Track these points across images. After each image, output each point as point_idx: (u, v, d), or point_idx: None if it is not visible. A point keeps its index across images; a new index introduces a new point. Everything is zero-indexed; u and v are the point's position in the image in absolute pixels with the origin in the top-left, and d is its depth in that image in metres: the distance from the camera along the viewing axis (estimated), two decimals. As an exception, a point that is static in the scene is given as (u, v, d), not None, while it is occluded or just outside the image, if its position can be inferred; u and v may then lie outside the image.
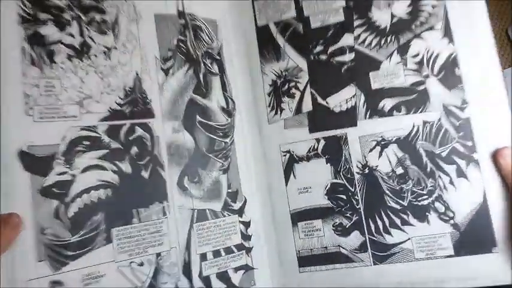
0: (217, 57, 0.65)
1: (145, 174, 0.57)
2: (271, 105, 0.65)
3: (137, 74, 0.58)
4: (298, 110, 0.64)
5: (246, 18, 0.67)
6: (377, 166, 0.60)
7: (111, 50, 0.58)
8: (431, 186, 0.57)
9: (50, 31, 0.54)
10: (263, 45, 0.66)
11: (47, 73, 0.53)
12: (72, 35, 0.55)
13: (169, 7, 0.63)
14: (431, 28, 0.59)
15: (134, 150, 0.57)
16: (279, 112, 0.65)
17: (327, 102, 0.62)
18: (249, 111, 0.66)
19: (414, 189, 0.59)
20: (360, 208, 0.60)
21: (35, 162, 0.49)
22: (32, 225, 0.48)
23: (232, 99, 0.66)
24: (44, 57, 0.53)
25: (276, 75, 0.65)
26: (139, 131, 0.57)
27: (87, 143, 0.53)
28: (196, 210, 0.59)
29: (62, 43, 0.54)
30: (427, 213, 0.58)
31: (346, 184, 0.61)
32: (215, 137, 0.63)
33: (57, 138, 0.51)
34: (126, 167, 0.55)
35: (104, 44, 0.57)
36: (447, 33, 0.58)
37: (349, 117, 0.61)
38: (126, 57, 0.58)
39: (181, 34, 0.64)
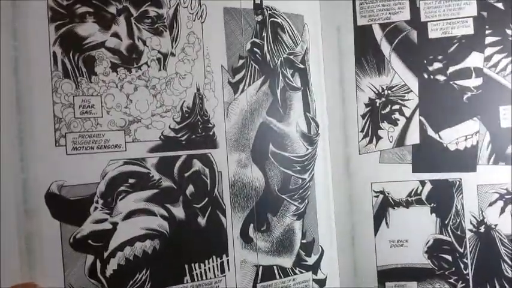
0: (301, 66, 0.58)
1: (202, 220, 0.51)
2: (365, 131, 0.60)
3: (198, 90, 0.52)
4: (401, 141, 0.59)
5: (342, 14, 0.61)
6: (496, 225, 0.57)
7: (168, 57, 0.50)
8: None
9: (89, 31, 0.47)
10: (362, 52, 0.60)
11: (85, 88, 0.46)
12: (118, 36, 0.48)
13: (244, -2, 0.55)
14: None
15: (190, 189, 0.51)
16: (374, 141, 0.60)
17: (440, 137, 0.58)
18: (335, 137, 0.60)
19: (543, 262, 0.56)
20: (468, 274, 0.57)
21: (66, 208, 0.45)
22: (61, 286, 0.44)
23: (315, 122, 0.59)
24: (81, 66, 0.46)
25: (375, 92, 0.60)
26: (197, 165, 0.51)
27: (133, 180, 0.48)
28: (261, 267, 0.55)
29: (104, 47, 0.47)
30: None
31: (454, 242, 0.57)
32: (291, 173, 0.57)
33: (96, 176, 0.46)
34: (178, 211, 0.50)
35: (158, 48, 0.50)
36: None
37: (467, 160, 0.57)
38: (185, 66, 0.51)
39: (257, 35, 0.56)
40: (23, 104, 0.43)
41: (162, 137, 0.49)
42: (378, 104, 0.59)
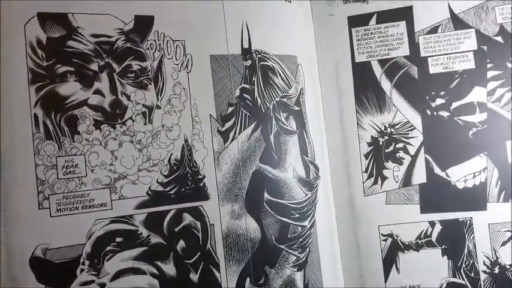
0: (296, 108, 0.57)
1: (194, 277, 0.50)
2: (369, 171, 0.59)
3: (186, 141, 0.51)
4: (407, 180, 0.58)
5: (339, 52, 0.60)
6: (511, 265, 0.56)
7: (153, 110, 0.50)
8: None
9: (71, 90, 0.47)
10: (361, 90, 0.59)
11: (68, 148, 0.46)
12: (101, 93, 0.48)
13: (231, 44, 0.54)
14: None
15: (181, 245, 0.50)
16: (379, 181, 0.59)
17: (447, 175, 0.57)
18: (337, 179, 0.59)
19: None
20: (486, 319, 0.56)
21: (52, 271, 0.45)
22: None
23: (314, 165, 0.58)
24: (63, 126, 0.46)
25: (377, 130, 0.59)
26: (188, 219, 0.51)
27: (120, 239, 0.48)
28: (260, 324, 0.54)
29: (87, 105, 0.47)
30: None
31: (468, 285, 0.57)
32: (289, 221, 0.55)
33: (82, 237, 0.46)
34: (169, 268, 0.49)
35: (143, 102, 0.50)
36: None
37: (477, 198, 0.57)
38: (172, 118, 0.51)
39: (247, 81, 0.55)
40: (5, 169, 0.44)
41: (149, 192, 0.49)
42: (381, 143, 0.59)
